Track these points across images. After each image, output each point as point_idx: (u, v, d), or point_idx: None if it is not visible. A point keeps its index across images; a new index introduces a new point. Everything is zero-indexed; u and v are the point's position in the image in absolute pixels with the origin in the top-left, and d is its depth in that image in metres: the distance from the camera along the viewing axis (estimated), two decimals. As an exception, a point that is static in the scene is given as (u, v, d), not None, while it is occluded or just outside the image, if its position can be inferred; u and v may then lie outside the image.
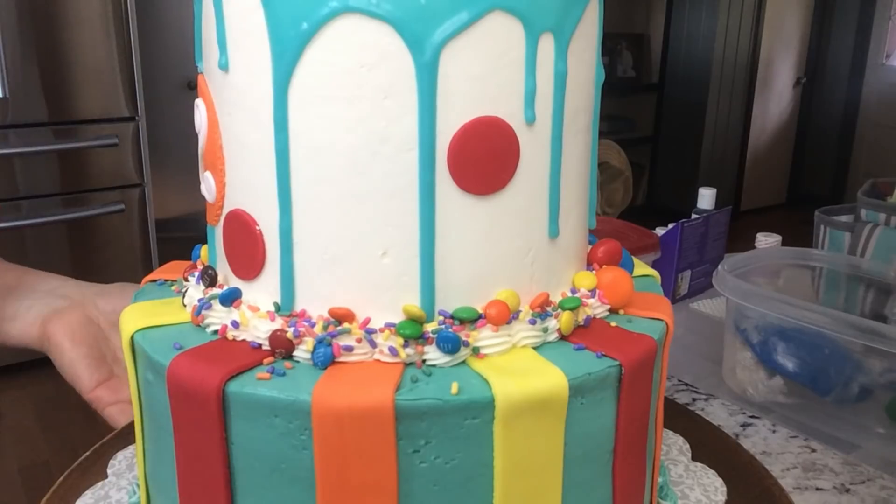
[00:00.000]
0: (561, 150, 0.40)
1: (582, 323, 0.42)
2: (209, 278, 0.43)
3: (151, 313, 0.44)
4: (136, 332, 0.42)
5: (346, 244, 0.38)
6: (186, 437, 0.39)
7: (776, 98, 4.63)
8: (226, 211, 0.42)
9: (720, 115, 4.39)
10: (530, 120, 0.38)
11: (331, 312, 0.38)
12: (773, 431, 0.74)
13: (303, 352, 0.37)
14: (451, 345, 0.37)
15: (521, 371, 0.37)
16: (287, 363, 0.37)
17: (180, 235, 3.03)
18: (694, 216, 1.10)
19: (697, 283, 1.11)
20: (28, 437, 2.09)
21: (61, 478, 0.55)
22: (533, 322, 0.40)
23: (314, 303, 0.39)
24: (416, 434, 0.35)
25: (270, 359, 0.37)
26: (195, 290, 0.43)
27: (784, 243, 1.08)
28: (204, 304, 0.41)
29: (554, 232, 0.41)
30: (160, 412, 0.40)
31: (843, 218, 1.09)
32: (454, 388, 0.35)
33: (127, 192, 2.50)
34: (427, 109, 0.36)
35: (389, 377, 0.36)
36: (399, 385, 0.35)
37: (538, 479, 0.37)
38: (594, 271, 0.46)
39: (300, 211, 0.38)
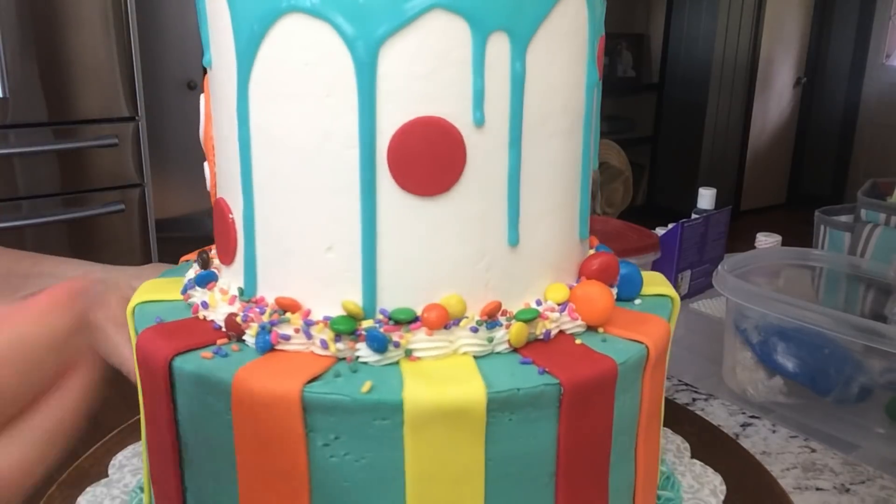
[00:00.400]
0: (520, 154, 0.39)
1: (541, 337, 0.40)
2: (202, 261, 0.46)
3: (159, 289, 0.46)
4: (137, 304, 0.44)
5: (295, 237, 0.39)
6: (148, 408, 0.41)
7: (776, 98, 4.63)
8: (214, 199, 0.45)
9: (720, 115, 4.39)
10: (479, 122, 0.37)
11: (276, 301, 0.39)
12: (773, 431, 0.74)
13: (249, 337, 0.39)
14: (378, 344, 0.37)
15: (442, 378, 0.36)
16: (235, 346, 0.39)
17: (180, 235, 3.03)
18: (694, 216, 1.10)
19: (697, 283, 1.11)
20: (28, 437, 2.09)
21: (61, 478, 0.55)
22: (475, 330, 0.38)
23: (271, 291, 0.41)
24: (325, 428, 0.35)
25: (224, 340, 0.39)
26: (192, 271, 0.46)
27: (784, 243, 1.08)
28: (189, 285, 0.44)
29: (513, 239, 0.40)
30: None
31: (843, 218, 1.09)
32: (365, 386, 0.35)
33: (127, 192, 2.50)
34: (367, 107, 0.36)
35: (311, 369, 0.36)
36: (319, 377, 0.35)
37: (455, 491, 0.36)
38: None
39: (259, 202, 0.40)
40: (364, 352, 0.37)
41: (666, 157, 4.55)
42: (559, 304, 0.41)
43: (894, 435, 0.74)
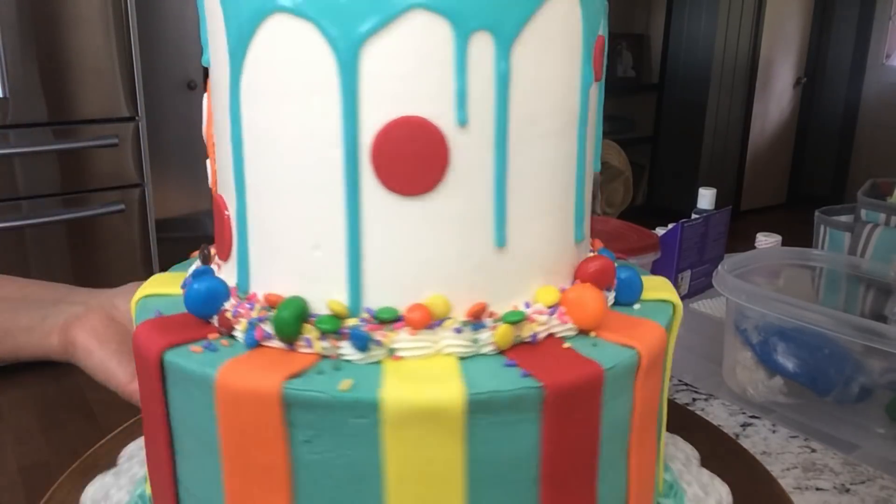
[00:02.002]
0: (506, 154, 0.38)
1: (528, 339, 0.40)
2: (203, 256, 0.47)
3: (163, 283, 0.47)
4: (140, 298, 0.45)
5: (284, 234, 0.40)
6: (144, 401, 0.42)
7: (776, 98, 4.63)
8: (214, 195, 0.45)
9: (720, 115, 4.39)
10: (462, 121, 0.37)
11: (265, 298, 0.40)
12: (773, 431, 0.74)
13: (239, 332, 0.39)
14: (360, 342, 0.37)
15: (422, 378, 0.36)
16: (225, 341, 0.39)
17: (180, 235, 3.03)
18: (694, 216, 1.10)
19: (697, 283, 1.11)
20: (28, 437, 2.09)
21: (62, 478, 0.55)
22: (458, 331, 0.38)
23: (263, 287, 0.41)
24: (305, 424, 0.35)
25: (215, 335, 0.40)
26: (193, 267, 0.47)
27: (784, 243, 1.08)
28: (188, 280, 0.45)
29: (500, 240, 0.39)
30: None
31: (843, 218, 1.09)
32: (344, 384, 0.35)
33: (127, 192, 2.50)
34: (349, 107, 0.36)
35: (294, 365, 0.36)
36: (300, 374, 0.36)
37: (435, 492, 0.36)
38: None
39: (251, 199, 0.41)
40: (347, 350, 0.37)
41: (666, 157, 4.55)
42: (549, 307, 0.41)
43: (894, 435, 0.74)
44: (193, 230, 3.08)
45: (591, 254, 0.48)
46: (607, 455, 0.40)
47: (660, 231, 1.11)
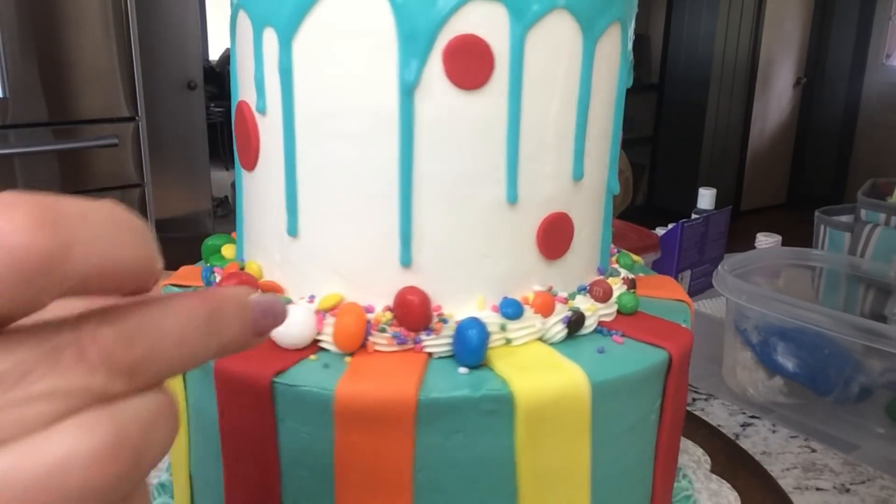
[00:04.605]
0: (295, 149, 0.39)
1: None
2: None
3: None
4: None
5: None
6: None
7: (776, 98, 4.63)
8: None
9: (720, 115, 4.39)
10: (261, 109, 0.41)
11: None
12: (773, 431, 0.74)
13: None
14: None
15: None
16: None
17: (180, 235, 3.03)
18: (694, 216, 1.10)
19: (697, 283, 1.11)
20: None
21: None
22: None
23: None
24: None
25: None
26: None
27: (784, 243, 1.08)
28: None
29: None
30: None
31: (843, 218, 1.09)
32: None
33: (127, 192, 2.50)
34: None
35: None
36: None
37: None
38: None
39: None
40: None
41: (666, 157, 4.55)
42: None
43: (894, 435, 0.74)
44: (193, 230, 3.08)
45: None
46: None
47: (660, 231, 1.10)
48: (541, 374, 0.36)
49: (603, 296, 0.42)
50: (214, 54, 5.37)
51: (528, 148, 0.38)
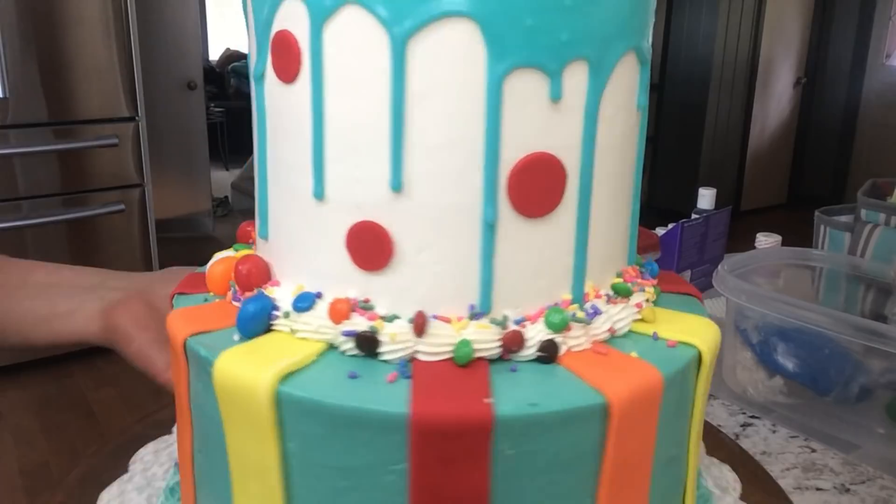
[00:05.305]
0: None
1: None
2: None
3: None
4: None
5: None
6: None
7: (776, 98, 4.63)
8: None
9: (720, 115, 4.39)
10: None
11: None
12: (773, 431, 0.74)
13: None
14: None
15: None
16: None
17: (180, 235, 3.03)
18: (694, 216, 1.10)
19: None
20: (28, 437, 2.09)
21: (64, 478, 0.55)
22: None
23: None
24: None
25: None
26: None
27: (784, 243, 1.08)
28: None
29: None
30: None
31: (843, 218, 1.09)
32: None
33: (127, 192, 2.50)
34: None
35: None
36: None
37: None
38: None
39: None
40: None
41: (666, 157, 4.55)
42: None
43: (894, 435, 0.74)
44: (193, 230, 3.08)
45: None
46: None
47: (660, 231, 1.11)
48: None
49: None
50: (214, 54, 5.37)
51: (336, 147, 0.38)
